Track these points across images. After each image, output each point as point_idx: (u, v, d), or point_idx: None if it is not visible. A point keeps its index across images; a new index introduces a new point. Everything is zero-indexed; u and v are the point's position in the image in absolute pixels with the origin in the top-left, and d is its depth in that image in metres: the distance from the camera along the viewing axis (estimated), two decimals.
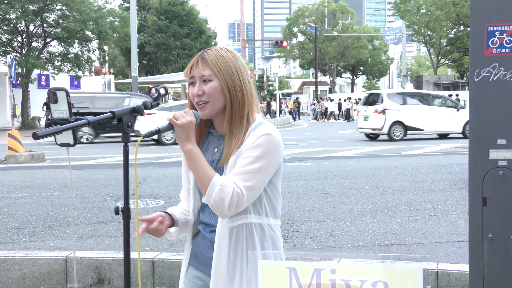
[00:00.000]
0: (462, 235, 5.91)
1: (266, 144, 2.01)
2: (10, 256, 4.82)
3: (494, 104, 2.90)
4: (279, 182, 2.14)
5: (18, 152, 14.34)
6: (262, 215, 2.09)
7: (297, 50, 70.96)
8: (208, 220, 2.16)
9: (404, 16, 51.17)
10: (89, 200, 8.26)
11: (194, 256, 2.23)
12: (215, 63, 2.06)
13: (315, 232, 6.23)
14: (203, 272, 2.18)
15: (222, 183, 1.93)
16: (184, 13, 60.76)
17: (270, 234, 2.10)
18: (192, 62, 2.12)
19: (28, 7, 30.03)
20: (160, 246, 5.54)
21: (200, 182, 1.96)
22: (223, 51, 2.11)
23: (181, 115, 1.97)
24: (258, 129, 2.05)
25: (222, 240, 2.05)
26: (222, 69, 2.06)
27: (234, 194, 1.93)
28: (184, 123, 1.95)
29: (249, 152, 2.00)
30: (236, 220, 2.05)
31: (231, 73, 2.07)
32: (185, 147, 1.97)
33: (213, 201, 1.92)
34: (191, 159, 1.97)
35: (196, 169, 1.96)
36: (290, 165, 12.44)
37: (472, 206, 2.99)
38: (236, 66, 2.10)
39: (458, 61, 57.36)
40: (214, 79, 2.06)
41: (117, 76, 66.63)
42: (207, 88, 2.06)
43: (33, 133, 1.82)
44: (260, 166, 1.99)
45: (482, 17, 2.90)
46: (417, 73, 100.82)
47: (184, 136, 1.96)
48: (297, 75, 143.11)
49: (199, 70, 2.07)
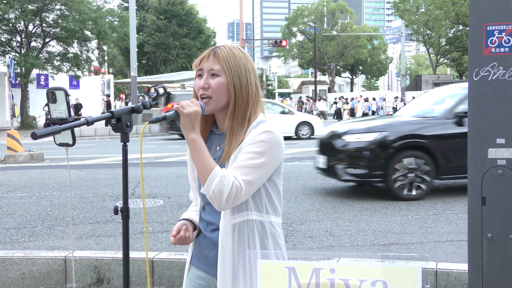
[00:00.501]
0: (461, 234, 5.91)
1: (268, 140, 2.02)
2: (9, 256, 4.82)
3: (493, 103, 2.90)
4: (279, 181, 2.14)
5: (17, 152, 14.34)
6: (263, 212, 2.10)
7: (296, 49, 70.96)
8: (209, 218, 2.17)
9: (403, 15, 51.17)
10: (88, 200, 8.26)
11: (196, 256, 2.23)
12: (226, 59, 2.08)
13: (314, 231, 6.23)
14: (205, 271, 2.18)
15: (223, 174, 1.94)
16: (183, 13, 60.76)
17: (271, 231, 2.11)
18: (203, 55, 2.12)
19: (27, 7, 29.99)
20: (159, 246, 5.54)
21: (201, 172, 1.96)
22: (235, 50, 2.12)
23: (188, 104, 1.98)
24: (259, 127, 2.05)
25: (226, 238, 2.06)
26: (232, 66, 2.08)
27: (233, 187, 1.94)
28: (191, 112, 1.96)
29: (250, 147, 2.01)
30: (238, 217, 2.06)
31: (239, 72, 2.09)
32: (189, 136, 1.97)
33: (212, 191, 1.93)
34: (194, 148, 1.97)
35: (198, 159, 1.97)
36: (289, 164, 12.44)
37: (471, 205, 2.99)
38: (246, 66, 2.11)
39: (457, 60, 57.39)
40: (222, 75, 2.07)
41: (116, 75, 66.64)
42: (213, 82, 2.07)
43: (32, 133, 1.82)
44: (260, 162, 2.00)
45: (481, 16, 2.90)
46: (416, 72, 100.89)
47: (190, 125, 1.96)
48: (296, 75, 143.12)
49: (209, 64, 2.08)
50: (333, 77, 69.08)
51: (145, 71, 62.51)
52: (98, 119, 2.00)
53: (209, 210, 2.17)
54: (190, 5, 63.18)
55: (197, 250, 2.23)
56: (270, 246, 2.10)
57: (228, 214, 2.06)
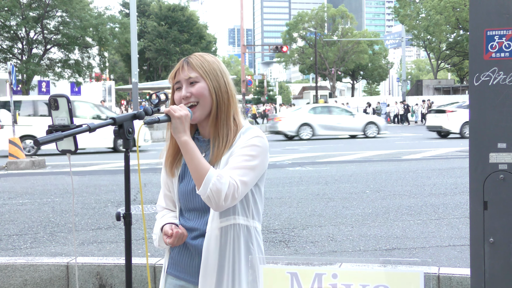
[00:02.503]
0: (463, 239, 5.90)
1: (260, 145, 2.08)
2: (12, 262, 4.82)
3: (494, 108, 2.91)
4: (263, 188, 2.19)
5: (19, 158, 14.35)
6: (249, 217, 2.12)
7: (297, 55, 71.03)
8: (192, 225, 2.15)
9: (403, 20, 51.22)
10: (90, 206, 8.26)
11: (173, 265, 2.21)
12: (200, 65, 2.12)
13: (316, 236, 6.22)
14: (186, 280, 2.16)
15: (219, 174, 1.96)
16: (184, 19, 60.91)
17: (255, 236, 2.13)
18: (176, 67, 2.16)
19: (28, 14, 30.09)
20: (161, 252, 5.53)
21: (196, 173, 1.97)
22: (206, 55, 2.18)
23: (178, 108, 2.01)
24: (248, 132, 2.11)
25: (211, 243, 2.06)
26: (208, 70, 2.12)
27: (230, 186, 1.96)
28: (182, 115, 1.99)
29: (244, 150, 2.05)
30: (225, 221, 2.07)
31: (216, 75, 2.13)
32: (181, 139, 1.99)
33: (210, 191, 1.93)
34: (187, 151, 1.98)
35: (193, 161, 1.98)
36: (290, 169, 12.44)
37: (473, 210, 2.99)
38: (220, 68, 2.16)
39: (458, 65, 57.42)
40: (201, 80, 2.11)
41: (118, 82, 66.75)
42: (194, 89, 2.10)
43: (35, 139, 1.83)
44: (255, 164, 2.04)
45: (481, 21, 2.91)
46: (417, 77, 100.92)
47: (181, 128, 1.99)
48: (297, 80, 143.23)
49: (186, 73, 2.12)
50: (334, 83, 69.10)
51: (146, 77, 62.60)
52: (100, 126, 2.01)
53: (191, 217, 2.15)
54: (191, 11, 63.36)
55: (175, 258, 2.20)
56: (255, 251, 2.11)
57: (217, 218, 2.06)
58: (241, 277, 2.05)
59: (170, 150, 2.22)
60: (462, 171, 11.20)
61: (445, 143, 20.29)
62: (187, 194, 2.15)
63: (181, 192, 2.17)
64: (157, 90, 2.26)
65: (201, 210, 2.12)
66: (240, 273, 2.05)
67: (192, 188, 2.13)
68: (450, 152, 16.52)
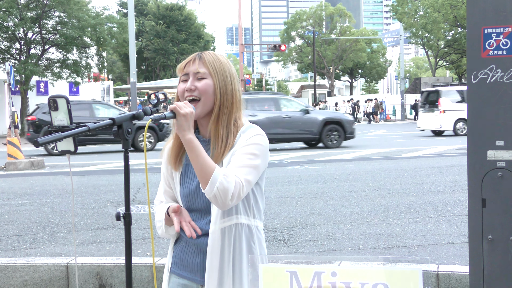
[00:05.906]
0: (462, 237, 5.92)
1: (262, 143, 2.08)
2: (11, 263, 4.82)
3: (491, 106, 2.92)
4: (263, 186, 2.18)
5: (18, 159, 14.33)
6: (250, 216, 2.12)
7: (295, 53, 70.99)
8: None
9: (401, 18, 51.21)
10: (89, 206, 8.26)
11: (177, 264, 2.21)
12: (212, 63, 2.11)
13: (316, 235, 6.23)
14: (188, 279, 2.16)
15: (225, 172, 1.95)
16: (182, 18, 60.88)
17: (257, 235, 2.13)
18: (188, 59, 2.15)
19: (26, 14, 30.06)
20: (162, 252, 5.54)
21: (202, 172, 1.95)
22: (220, 56, 2.17)
23: (183, 105, 1.99)
24: (249, 131, 2.10)
25: (215, 242, 2.06)
26: (218, 70, 2.11)
27: (237, 185, 1.95)
28: (187, 112, 1.96)
29: (246, 149, 2.04)
30: (227, 221, 2.07)
31: (225, 76, 2.12)
32: (186, 137, 1.96)
33: (216, 189, 1.92)
34: (192, 149, 1.96)
35: (198, 159, 1.95)
36: (289, 168, 12.45)
37: (472, 207, 3.00)
38: (230, 71, 2.15)
39: (456, 63, 57.41)
40: (209, 77, 2.10)
41: (116, 82, 66.70)
42: (200, 84, 2.09)
43: (34, 140, 1.83)
44: (257, 163, 2.04)
45: (478, 19, 2.92)
46: (416, 75, 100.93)
47: (186, 125, 1.96)
48: (295, 79, 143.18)
49: (195, 67, 2.11)
50: (332, 81, 69.10)
51: (144, 77, 62.58)
52: (100, 127, 2.01)
53: (193, 217, 2.14)
54: (189, 10, 63.33)
55: (178, 257, 2.20)
56: (257, 250, 2.11)
57: (219, 218, 2.06)
58: (242, 276, 2.05)
59: (174, 147, 2.19)
60: (460, 169, 11.21)
61: (442, 141, 20.31)
62: (189, 195, 2.14)
63: (183, 193, 2.17)
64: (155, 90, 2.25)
65: (203, 211, 2.12)
66: (242, 272, 2.05)
67: (194, 189, 2.12)
68: (448, 149, 16.53)
